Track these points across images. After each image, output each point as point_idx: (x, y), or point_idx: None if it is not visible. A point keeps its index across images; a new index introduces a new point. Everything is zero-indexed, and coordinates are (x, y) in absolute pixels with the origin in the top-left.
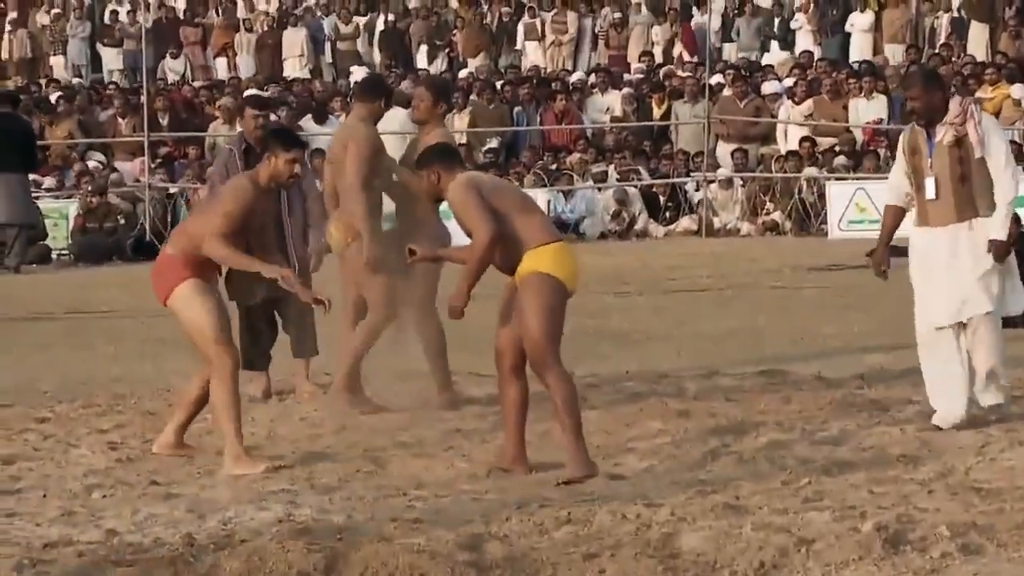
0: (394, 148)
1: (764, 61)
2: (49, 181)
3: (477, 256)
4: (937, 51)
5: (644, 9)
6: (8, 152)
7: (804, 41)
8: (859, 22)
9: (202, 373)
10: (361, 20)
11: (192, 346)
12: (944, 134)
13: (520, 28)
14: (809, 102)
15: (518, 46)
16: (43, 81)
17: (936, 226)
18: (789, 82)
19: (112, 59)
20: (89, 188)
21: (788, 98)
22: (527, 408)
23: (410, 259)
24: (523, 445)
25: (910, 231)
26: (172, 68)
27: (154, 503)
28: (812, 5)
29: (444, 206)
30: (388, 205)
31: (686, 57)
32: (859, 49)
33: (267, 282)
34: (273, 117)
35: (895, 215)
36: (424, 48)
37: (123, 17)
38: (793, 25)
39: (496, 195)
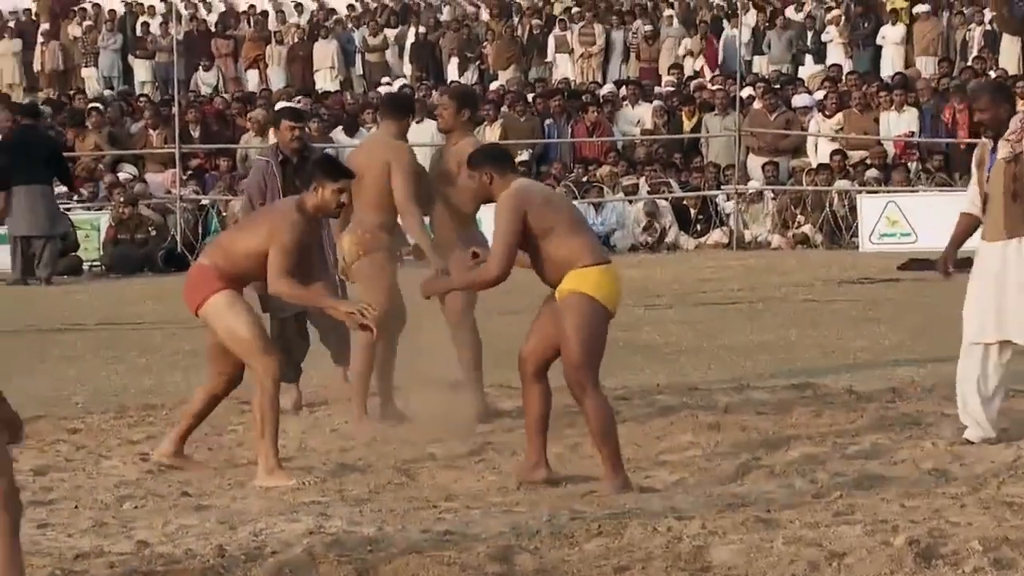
0: (425, 160)
1: (796, 74)
2: (84, 192)
3: (475, 282)
4: (969, 64)
5: (676, 22)
6: (31, 164)
7: (835, 54)
8: (890, 35)
9: (207, 386)
10: (392, 32)
11: (207, 358)
12: (1002, 149)
13: (551, 40)
14: (839, 115)
15: (548, 58)
16: (73, 93)
17: (990, 241)
18: (820, 95)
19: (143, 71)
20: (121, 199)
21: (819, 111)
22: (549, 414)
23: (424, 293)
24: (544, 451)
25: (976, 242)
26: (204, 80)
27: (185, 514)
28: (843, 18)
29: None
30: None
31: (707, 72)
32: (890, 62)
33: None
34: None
35: (966, 222)
36: (455, 60)
37: (155, 29)
38: (824, 38)
39: (547, 208)
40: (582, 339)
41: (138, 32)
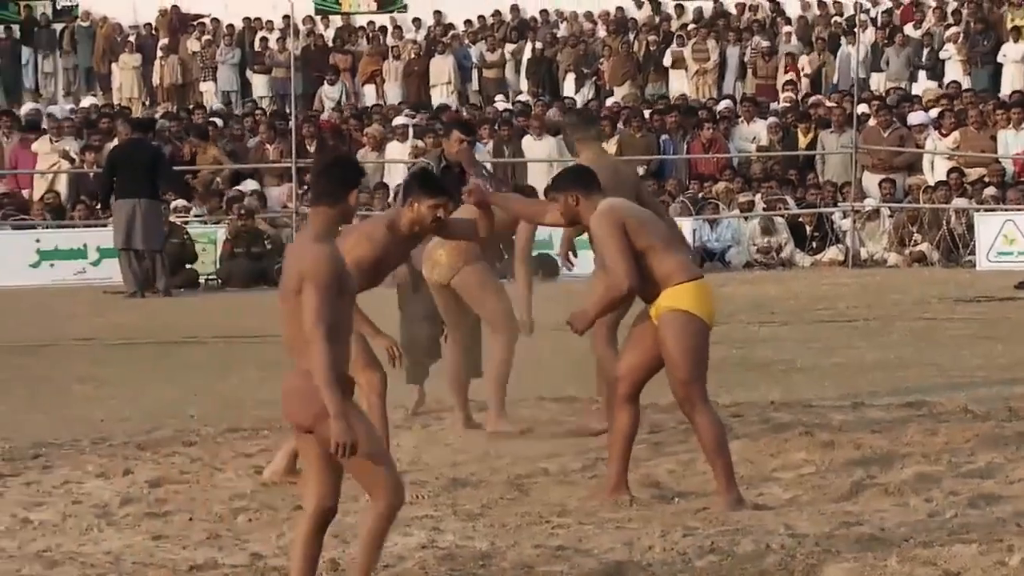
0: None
1: (912, 91)
2: (198, 207)
3: (611, 299)
4: None
5: (794, 38)
6: (132, 177)
7: (953, 71)
8: (1011, 53)
9: None
10: (509, 48)
11: None
12: None
13: (668, 56)
14: (956, 134)
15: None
16: (192, 107)
17: None
18: (934, 113)
19: (261, 86)
20: (240, 213)
21: (935, 129)
22: (633, 438)
23: (577, 330)
24: (625, 474)
25: None
26: (328, 94)
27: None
28: (962, 35)
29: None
30: None
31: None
32: (1010, 80)
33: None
34: (422, 144)
35: None
36: (571, 76)
37: (272, 44)
38: (942, 55)
39: (640, 229)
40: (687, 356)
41: (256, 47)
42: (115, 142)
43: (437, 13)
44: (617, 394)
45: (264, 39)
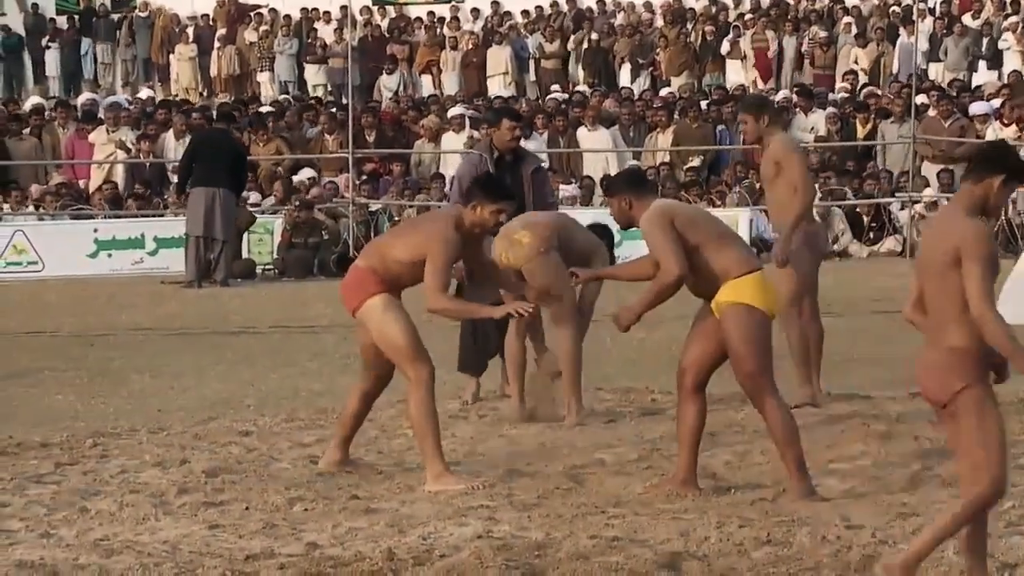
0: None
1: (973, 82)
2: (255, 196)
3: (660, 288)
4: None
5: (854, 28)
6: (214, 167)
7: (1012, 61)
8: None
9: (360, 387)
10: (566, 38)
11: (361, 358)
12: None
13: (725, 46)
14: (1017, 124)
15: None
16: (248, 97)
17: None
18: (996, 103)
19: (317, 76)
20: (297, 203)
21: (996, 119)
22: (702, 430)
23: (574, 281)
24: (694, 467)
25: None
26: (386, 84)
27: (355, 517)
28: (1021, 25)
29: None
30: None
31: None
32: None
33: (500, 287)
34: (477, 134)
35: None
36: (627, 67)
37: (329, 35)
38: (1001, 45)
39: (691, 226)
40: (752, 348)
41: (317, 37)
42: (170, 132)
43: (495, 3)
44: (683, 387)
45: (314, 30)
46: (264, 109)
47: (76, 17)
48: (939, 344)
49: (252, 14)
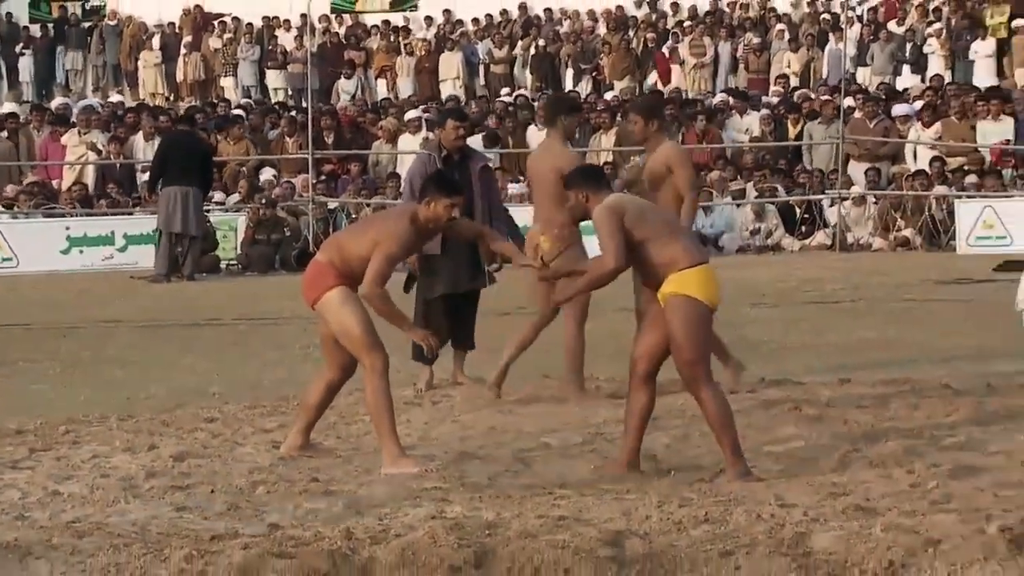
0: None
1: (898, 85)
2: (219, 195)
3: (596, 277)
4: None
5: (786, 34)
6: (188, 167)
7: (936, 66)
8: (982, 49)
9: (325, 377)
10: (514, 44)
11: (322, 349)
12: None
13: (664, 52)
14: (938, 124)
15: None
16: (216, 102)
17: None
18: (918, 105)
19: (278, 80)
20: (262, 201)
21: (917, 120)
22: (649, 417)
23: (556, 303)
24: (638, 451)
25: None
26: (344, 88)
27: (314, 499)
28: (944, 31)
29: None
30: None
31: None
32: (984, 74)
33: (453, 278)
34: (432, 136)
35: None
36: (571, 71)
37: (290, 42)
38: (925, 50)
39: (640, 221)
40: (691, 338)
41: (274, 44)
42: (139, 135)
43: (447, 11)
44: (635, 374)
45: (274, 37)
46: (236, 112)
47: (49, 26)
48: None
49: (216, 22)
